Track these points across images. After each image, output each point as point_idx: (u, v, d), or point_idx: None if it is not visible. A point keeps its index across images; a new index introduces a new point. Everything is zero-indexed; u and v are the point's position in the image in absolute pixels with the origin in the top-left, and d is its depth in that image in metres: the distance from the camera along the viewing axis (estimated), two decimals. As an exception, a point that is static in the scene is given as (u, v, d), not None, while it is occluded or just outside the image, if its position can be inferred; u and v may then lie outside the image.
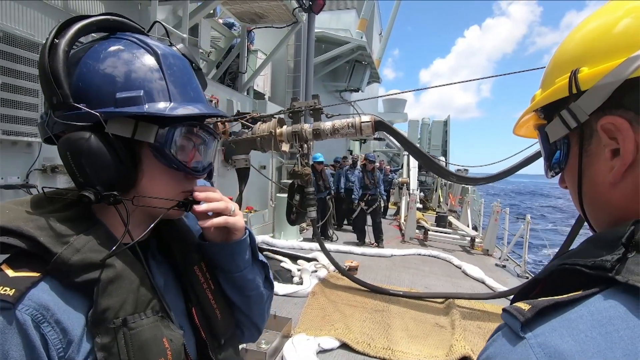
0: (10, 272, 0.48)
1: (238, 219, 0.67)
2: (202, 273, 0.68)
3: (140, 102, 0.54)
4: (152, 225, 0.60)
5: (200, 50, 6.37)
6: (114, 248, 0.54)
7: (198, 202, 0.64)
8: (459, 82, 3.73)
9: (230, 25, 7.47)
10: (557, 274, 0.40)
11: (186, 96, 0.60)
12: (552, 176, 0.53)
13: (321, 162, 7.13)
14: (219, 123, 4.91)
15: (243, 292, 0.72)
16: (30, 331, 0.45)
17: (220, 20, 7.33)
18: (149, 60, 0.58)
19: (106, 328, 0.50)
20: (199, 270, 0.68)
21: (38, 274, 0.49)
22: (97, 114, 0.52)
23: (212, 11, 6.06)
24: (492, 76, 3.53)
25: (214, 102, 5.60)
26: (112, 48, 0.57)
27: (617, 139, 0.40)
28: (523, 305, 0.37)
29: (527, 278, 5.55)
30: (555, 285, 0.40)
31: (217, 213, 0.65)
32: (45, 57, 0.53)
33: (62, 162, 0.55)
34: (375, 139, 16.48)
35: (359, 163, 8.07)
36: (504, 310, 0.39)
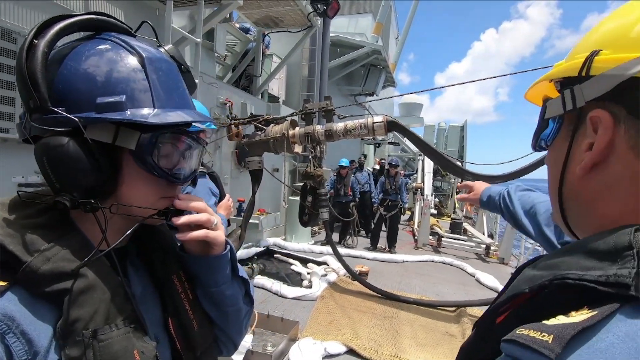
0: None
1: (218, 234, 0.64)
2: (180, 283, 0.66)
3: (122, 107, 0.52)
4: (127, 233, 0.58)
5: (216, 54, 6.47)
6: (87, 258, 0.52)
7: (179, 212, 0.62)
8: (470, 82, 3.67)
9: (246, 30, 7.58)
10: (551, 289, 0.36)
11: (171, 102, 0.58)
12: (536, 150, 0.52)
13: (345, 167, 7.12)
14: (232, 126, 4.97)
15: (220, 307, 0.70)
16: None
17: (237, 25, 7.44)
18: (133, 64, 0.55)
19: (75, 340, 0.48)
20: (177, 280, 0.66)
21: (5, 283, 0.47)
22: (76, 119, 0.50)
23: (228, 16, 6.15)
24: (502, 75, 3.45)
25: (228, 105, 5.67)
26: (95, 49, 0.55)
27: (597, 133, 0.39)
28: (538, 335, 0.31)
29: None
30: (543, 303, 0.36)
31: (198, 225, 0.62)
32: (23, 59, 0.50)
33: (37, 166, 0.53)
34: (389, 143, 16.35)
35: (370, 166, 8.02)
36: (512, 342, 0.33)
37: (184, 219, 0.61)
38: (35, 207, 0.54)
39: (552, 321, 0.33)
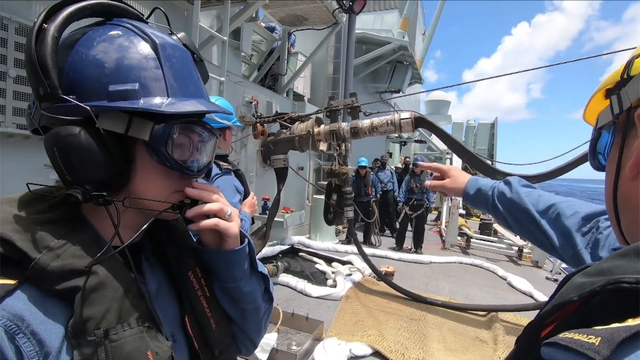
0: None
1: (231, 225, 0.61)
2: (196, 279, 0.64)
3: (135, 96, 0.50)
4: (143, 229, 0.56)
5: (243, 54, 6.54)
6: (99, 254, 0.49)
7: (194, 205, 0.59)
8: (500, 76, 3.49)
9: (271, 29, 7.62)
10: (604, 295, 0.32)
11: (185, 91, 0.55)
12: (596, 167, 0.48)
13: (364, 167, 7.05)
14: (257, 124, 5.00)
15: (238, 304, 0.67)
16: (2, 343, 0.41)
17: (263, 24, 7.49)
18: (146, 51, 0.53)
19: (86, 340, 0.46)
20: (193, 276, 0.63)
21: (15, 281, 0.45)
22: (88, 107, 0.48)
23: (254, 15, 6.20)
24: (534, 68, 3.26)
25: (253, 103, 5.71)
26: (106, 35, 0.52)
27: None
28: (584, 338, 0.29)
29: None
30: (596, 310, 0.33)
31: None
32: (32, 44, 0.48)
33: (48, 157, 0.50)
34: (416, 141, 16.02)
35: (393, 164, 7.89)
36: (551, 344, 0.31)
37: (194, 210, 0.59)
38: (46, 203, 0.52)
39: (604, 327, 0.30)
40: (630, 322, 0.29)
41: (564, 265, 6.53)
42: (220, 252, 0.63)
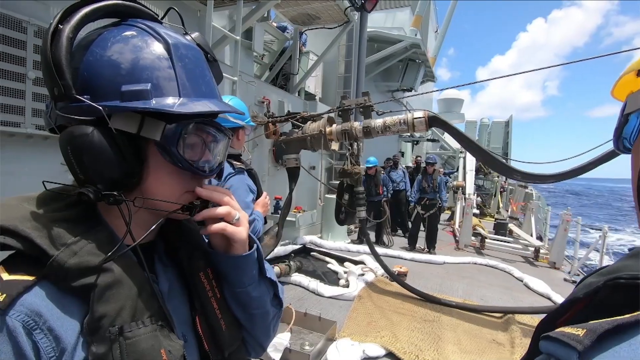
0: (4, 275, 0.46)
1: (239, 230, 0.61)
2: (207, 280, 0.63)
3: (147, 96, 0.50)
4: (152, 228, 0.56)
5: (255, 54, 6.57)
6: (111, 252, 0.50)
7: (205, 207, 0.59)
8: (516, 74, 3.41)
9: (283, 29, 7.64)
10: (605, 292, 0.34)
11: (197, 91, 0.55)
12: (620, 150, 0.47)
13: (373, 166, 6.99)
14: (269, 124, 5.02)
15: (246, 309, 0.67)
16: (20, 338, 0.42)
17: (274, 24, 7.51)
18: (159, 51, 0.53)
19: (102, 336, 0.47)
20: (204, 277, 0.63)
21: (33, 278, 0.46)
22: (100, 107, 0.49)
23: (265, 14, 6.22)
24: (550, 67, 3.17)
25: (265, 103, 5.73)
26: (120, 36, 0.53)
27: None
28: (574, 331, 0.31)
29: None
30: (599, 306, 0.35)
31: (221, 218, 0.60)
32: (48, 44, 0.49)
33: (62, 156, 0.51)
34: (428, 140, 15.84)
35: (405, 164, 7.80)
36: (546, 338, 0.34)
37: (202, 213, 0.58)
38: (64, 201, 0.53)
39: (595, 321, 0.31)
40: (623, 316, 0.30)
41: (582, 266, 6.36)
42: (228, 257, 0.63)
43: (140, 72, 0.51)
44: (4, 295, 0.44)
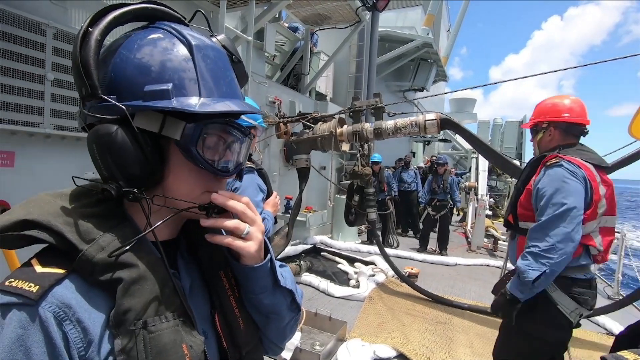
0: (38, 268, 0.48)
1: (247, 245, 0.59)
2: (227, 279, 0.64)
3: (168, 96, 0.52)
4: (159, 224, 0.54)
5: (266, 54, 6.60)
6: (125, 243, 0.51)
7: (222, 211, 0.59)
8: (531, 76, 3.34)
9: (294, 29, 7.65)
10: None
11: (219, 91, 0.56)
12: None
13: (377, 163, 6.94)
14: (280, 124, 5.03)
15: (260, 312, 0.67)
16: (52, 328, 0.44)
17: (285, 25, 7.53)
18: (181, 51, 0.55)
19: (127, 330, 0.48)
20: (224, 276, 0.64)
21: (64, 271, 0.48)
22: (124, 107, 0.51)
23: (277, 15, 6.24)
24: (567, 68, 3.09)
25: (277, 103, 5.75)
26: (146, 38, 0.55)
27: None
28: (631, 357, 0.28)
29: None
30: None
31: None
32: (77, 47, 0.51)
33: (89, 153, 0.54)
34: (440, 140, 15.67)
35: (416, 164, 7.71)
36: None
37: (209, 222, 0.58)
38: (94, 198, 0.55)
39: None
40: None
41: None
42: (239, 266, 0.63)
43: (163, 72, 0.53)
44: (37, 287, 0.45)
